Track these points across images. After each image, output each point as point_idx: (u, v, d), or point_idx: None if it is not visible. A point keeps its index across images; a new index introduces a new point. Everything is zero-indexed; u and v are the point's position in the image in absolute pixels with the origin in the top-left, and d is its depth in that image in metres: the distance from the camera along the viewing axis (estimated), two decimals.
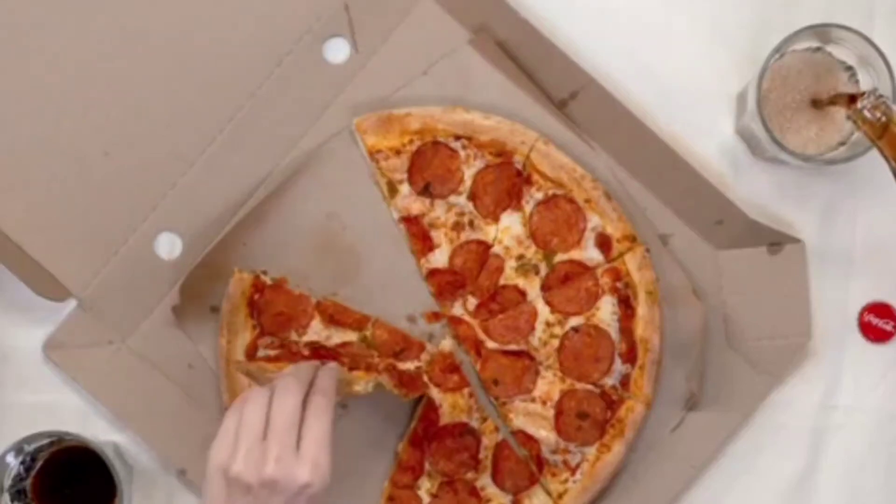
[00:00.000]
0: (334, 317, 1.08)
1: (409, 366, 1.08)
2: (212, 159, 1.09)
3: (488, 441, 1.08)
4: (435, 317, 1.09)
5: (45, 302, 1.07)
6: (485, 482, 1.08)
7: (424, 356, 1.08)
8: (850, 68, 1.04)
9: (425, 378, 1.08)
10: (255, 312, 1.08)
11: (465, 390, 1.08)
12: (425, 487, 1.08)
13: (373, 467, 1.08)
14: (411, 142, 1.08)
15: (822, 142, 1.06)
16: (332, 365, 0.97)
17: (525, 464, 1.08)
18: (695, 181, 1.07)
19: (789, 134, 1.06)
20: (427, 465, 1.07)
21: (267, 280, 1.08)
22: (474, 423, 1.08)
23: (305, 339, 1.08)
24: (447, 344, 1.08)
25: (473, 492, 1.07)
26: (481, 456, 1.08)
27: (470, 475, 1.08)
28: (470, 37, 1.09)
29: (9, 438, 1.02)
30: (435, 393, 1.08)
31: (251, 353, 1.07)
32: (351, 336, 1.08)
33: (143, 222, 1.09)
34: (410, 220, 1.09)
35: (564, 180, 1.07)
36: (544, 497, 1.07)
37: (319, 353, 1.07)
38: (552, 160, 1.07)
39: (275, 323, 1.08)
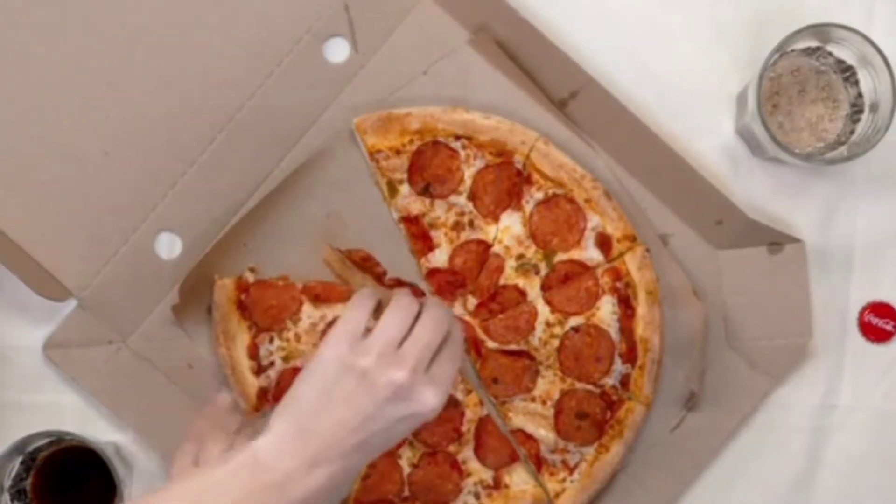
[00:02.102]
0: (321, 296, 1.08)
1: None
2: (212, 159, 1.09)
3: (472, 414, 1.08)
4: None
5: (45, 302, 1.07)
6: (466, 455, 1.08)
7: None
8: (850, 68, 1.04)
9: None
10: (247, 313, 1.08)
11: None
12: (406, 457, 1.08)
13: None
14: (411, 142, 1.08)
15: (821, 142, 1.06)
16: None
17: (507, 440, 1.08)
18: (695, 181, 1.07)
19: (789, 134, 1.06)
20: (409, 435, 1.07)
21: (250, 278, 1.08)
22: (459, 395, 1.08)
23: (301, 325, 1.08)
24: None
25: (454, 465, 1.08)
26: (464, 429, 1.08)
27: (452, 448, 1.08)
28: (470, 37, 1.09)
29: (9, 438, 1.01)
30: None
31: (253, 354, 1.07)
32: (342, 309, 1.07)
33: (143, 222, 1.09)
34: (410, 220, 1.09)
35: (564, 180, 1.07)
36: (525, 475, 1.08)
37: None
38: (552, 160, 1.07)
39: (268, 317, 1.08)
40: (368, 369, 0.87)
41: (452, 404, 1.08)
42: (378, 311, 0.91)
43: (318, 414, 0.87)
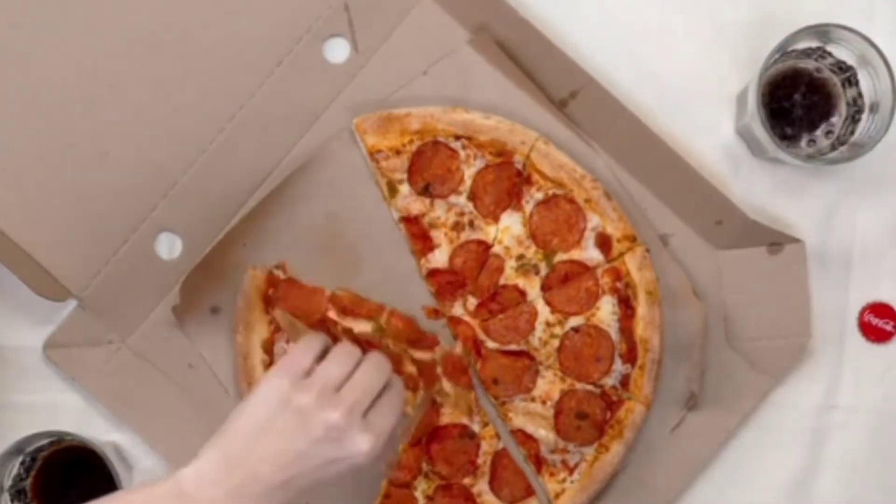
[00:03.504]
0: (348, 308, 1.08)
1: (423, 355, 1.08)
2: (212, 159, 1.09)
3: (488, 447, 1.08)
4: (435, 313, 1.09)
5: (45, 302, 1.07)
6: (481, 488, 1.08)
7: (438, 349, 1.08)
8: (850, 68, 1.04)
9: (439, 370, 1.08)
10: (271, 308, 1.08)
11: (472, 393, 1.08)
12: (421, 489, 1.08)
13: (376, 466, 1.08)
14: (411, 142, 1.08)
15: (821, 142, 1.06)
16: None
17: (522, 474, 1.08)
18: (695, 181, 1.07)
19: (789, 134, 1.06)
20: (425, 467, 1.07)
21: (280, 275, 1.08)
22: (475, 427, 1.08)
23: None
24: (458, 346, 1.08)
25: (469, 497, 1.07)
26: (479, 461, 1.08)
27: (467, 480, 1.08)
28: (470, 37, 1.09)
29: (9, 438, 1.01)
30: (445, 385, 1.07)
31: (269, 349, 1.07)
32: (366, 326, 1.08)
33: (143, 222, 1.09)
34: (410, 220, 1.09)
35: (564, 180, 1.07)
36: None
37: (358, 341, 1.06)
38: (552, 160, 1.07)
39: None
40: (306, 407, 0.88)
41: (468, 436, 1.08)
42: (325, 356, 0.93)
43: (250, 445, 0.87)
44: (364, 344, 1.02)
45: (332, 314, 1.08)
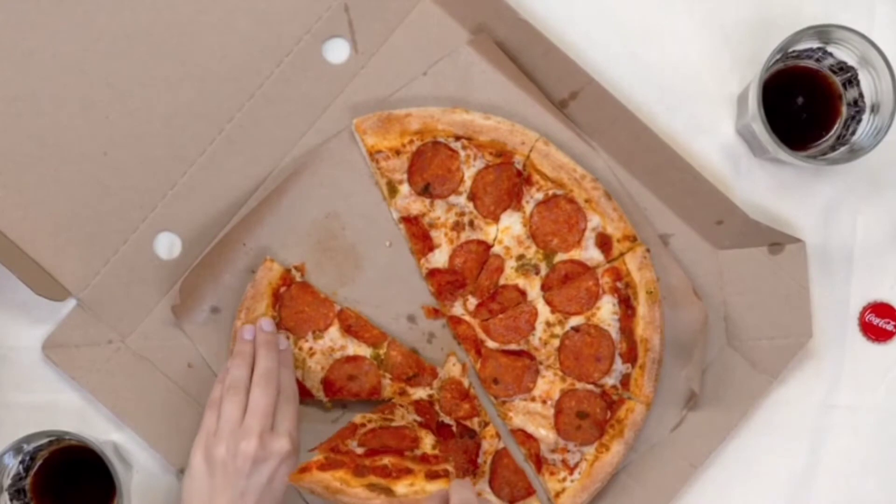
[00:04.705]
0: (353, 328, 1.08)
1: (421, 393, 1.08)
2: (212, 159, 1.09)
3: (488, 446, 1.08)
4: (435, 312, 1.09)
5: (45, 302, 1.07)
6: (482, 488, 1.08)
7: (436, 383, 1.08)
8: (851, 69, 1.04)
9: (437, 407, 1.08)
10: (278, 304, 1.08)
11: (471, 392, 1.08)
12: None
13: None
14: (411, 142, 1.08)
15: (822, 142, 1.06)
16: None
17: (523, 473, 1.08)
18: (695, 181, 1.07)
19: (790, 134, 1.06)
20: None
21: (297, 276, 1.08)
22: (475, 427, 1.08)
23: (320, 343, 1.08)
24: (456, 370, 1.08)
25: None
26: (480, 461, 1.08)
27: (468, 479, 1.07)
28: (470, 37, 1.09)
29: (8, 438, 1.01)
30: (446, 418, 1.08)
31: None
32: (365, 351, 1.08)
33: (143, 222, 1.09)
34: (410, 220, 1.09)
35: (564, 180, 1.07)
36: None
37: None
38: (552, 160, 1.07)
39: (294, 319, 1.08)
40: (225, 455, 0.99)
41: (469, 435, 1.08)
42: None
43: None
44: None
45: (335, 328, 1.08)
